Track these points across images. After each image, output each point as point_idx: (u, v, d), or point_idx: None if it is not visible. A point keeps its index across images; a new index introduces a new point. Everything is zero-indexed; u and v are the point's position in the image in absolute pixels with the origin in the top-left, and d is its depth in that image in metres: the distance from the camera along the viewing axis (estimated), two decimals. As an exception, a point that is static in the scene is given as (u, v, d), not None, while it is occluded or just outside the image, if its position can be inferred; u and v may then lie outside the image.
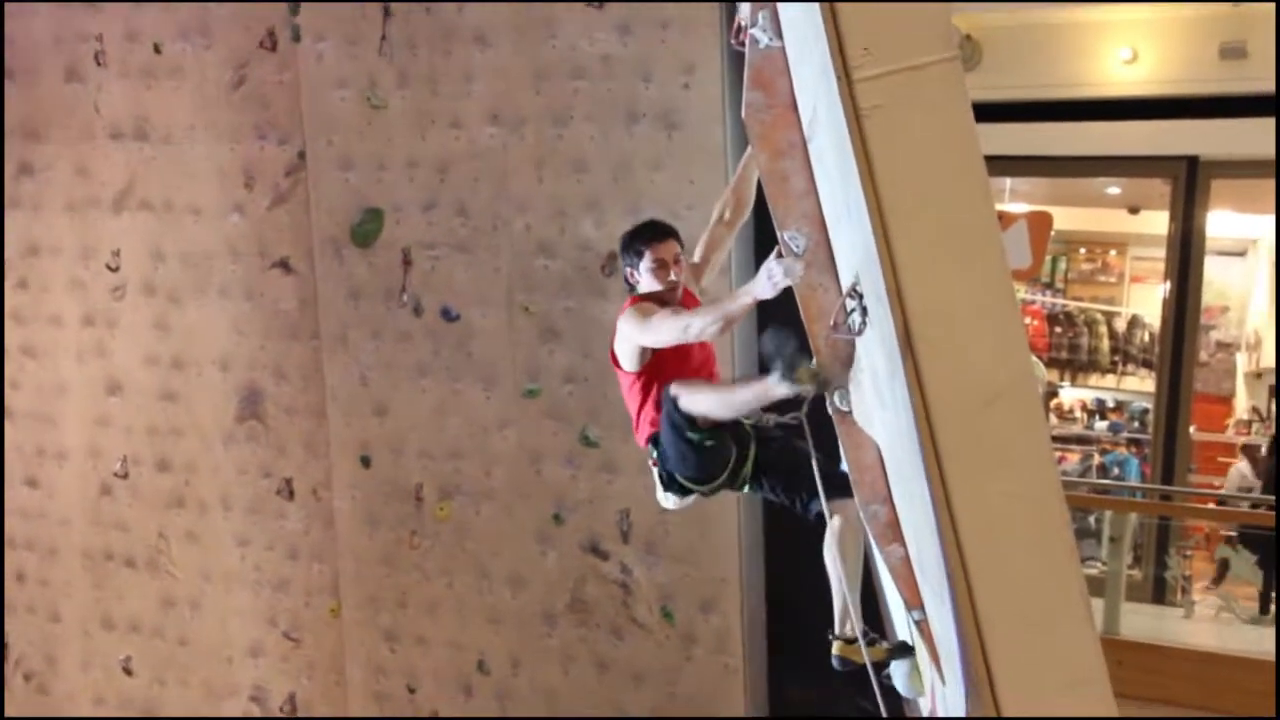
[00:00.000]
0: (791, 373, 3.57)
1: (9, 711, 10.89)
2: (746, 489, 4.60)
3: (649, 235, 4.50)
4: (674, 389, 4.16)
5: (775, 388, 3.72)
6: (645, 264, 4.48)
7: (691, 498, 4.67)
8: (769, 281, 3.64)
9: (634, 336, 4.40)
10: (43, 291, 10.15)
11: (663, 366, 4.48)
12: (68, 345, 10.15)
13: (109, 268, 9.86)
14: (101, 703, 10.59)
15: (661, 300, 4.44)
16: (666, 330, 4.20)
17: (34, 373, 10.33)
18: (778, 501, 4.65)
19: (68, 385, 10.22)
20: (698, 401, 4.11)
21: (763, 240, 4.77)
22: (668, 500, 4.70)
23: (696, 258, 4.68)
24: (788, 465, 4.50)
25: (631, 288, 4.58)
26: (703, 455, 4.33)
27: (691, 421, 4.16)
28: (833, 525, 4.41)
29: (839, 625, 4.43)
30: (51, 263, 10.08)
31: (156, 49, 9.37)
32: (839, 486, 4.37)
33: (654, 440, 4.53)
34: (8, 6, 9.81)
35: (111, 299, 9.90)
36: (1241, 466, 11.33)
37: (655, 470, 4.64)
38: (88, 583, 10.48)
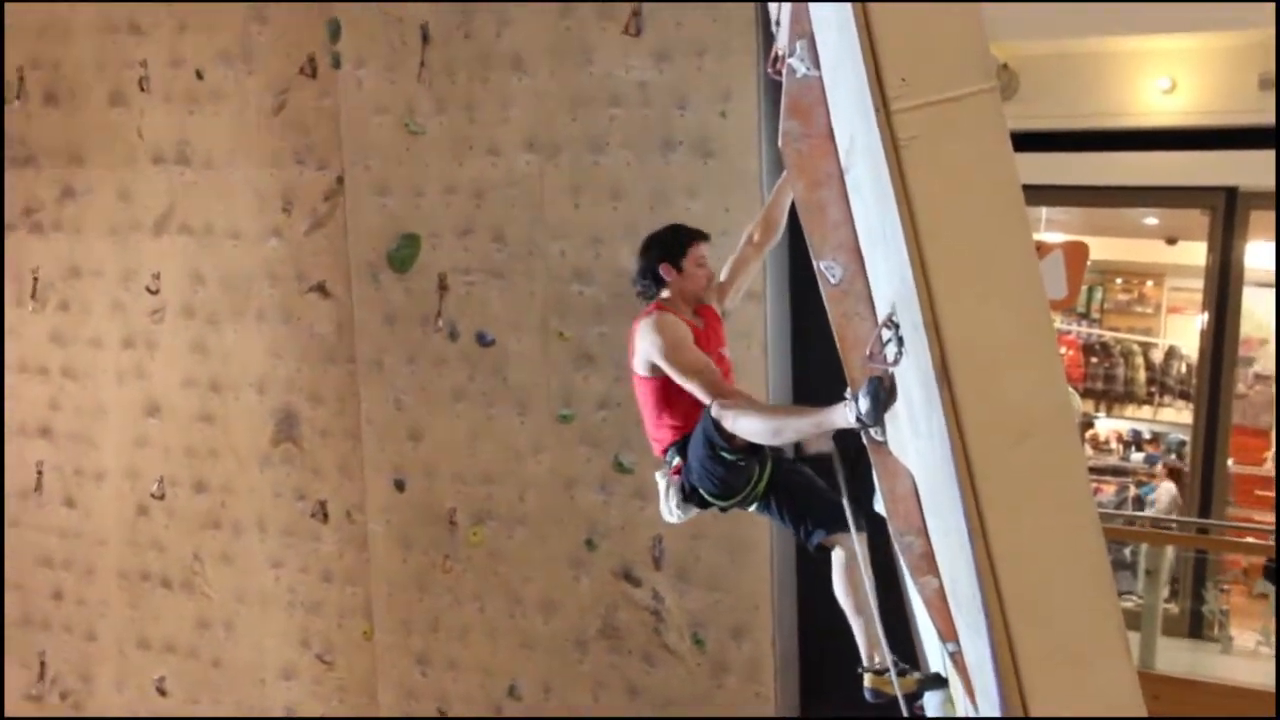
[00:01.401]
0: (877, 414, 3.50)
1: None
2: (753, 508, 4.59)
3: (695, 234, 4.60)
4: (717, 409, 4.14)
5: (839, 419, 3.70)
6: (691, 259, 4.53)
7: (694, 511, 4.66)
8: (846, 417, 3.63)
9: (658, 357, 4.43)
10: (84, 314, 10.25)
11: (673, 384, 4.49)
12: (107, 367, 10.24)
13: (149, 290, 9.94)
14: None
15: (688, 299, 4.48)
16: (692, 388, 4.26)
17: (74, 394, 10.42)
18: (781, 525, 4.65)
19: (107, 406, 10.31)
20: (742, 425, 4.10)
21: (798, 266, 4.79)
22: (671, 514, 4.68)
23: (723, 277, 4.69)
24: (794, 489, 4.52)
25: (650, 295, 4.59)
26: (731, 472, 4.35)
27: (730, 440, 4.16)
28: (837, 559, 4.42)
29: (867, 658, 4.43)
30: (93, 285, 10.17)
31: (199, 75, 9.47)
32: (839, 520, 4.39)
33: (677, 450, 4.52)
34: (54, 32, 9.92)
35: (151, 321, 9.99)
36: (1169, 486, 11.32)
37: (665, 480, 4.63)
38: (123, 602, 10.55)
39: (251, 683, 10.19)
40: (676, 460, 4.54)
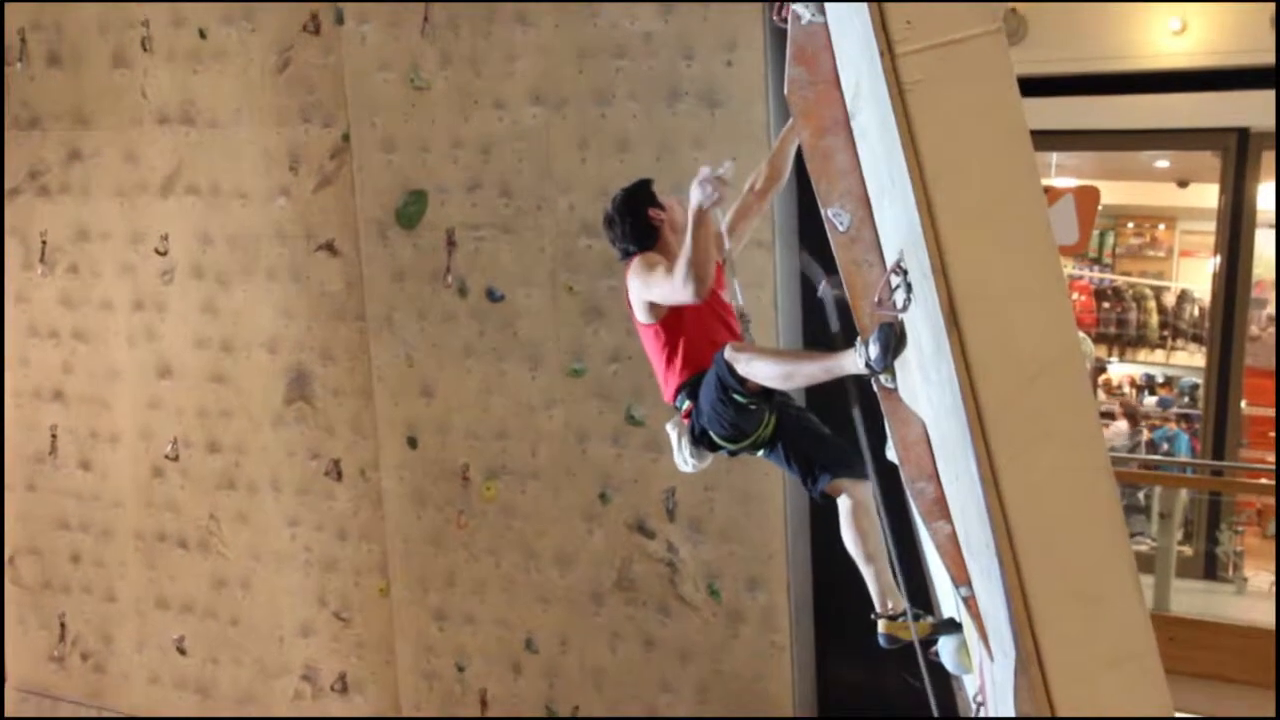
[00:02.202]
0: (887, 360, 3.55)
1: (66, 692, 11.06)
2: (761, 453, 4.61)
3: (646, 180, 4.71)
4: (730, 353, 4.15)
5: (850, 365, 3.73)
6: (661, 199, 4.58)
7: (708, 459, 4.66)
8: (699, 193, 3.91)
9: (643, 290, 4.44)
10: (94, 276, 10.25)
11: (681, 316, 4.50)
12: (118, 329, 10.26)
13: (158, 252, 9.94)
14: (156, 681, 10.73)
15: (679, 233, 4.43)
16: (666, 288, 4.24)
17: (86, 357, 10.44)
18: (788, 471, 4.66)
19: (119, 369, 10.33)
20: (756, 369, 4.10)
21: (806, 214, 4.77)
22: (685, 464, 4.68)
23: (724, 226, 4.67)
24: (801, 434, 4.53)
25: (632, 252, 4.57)
26: (743, 416, 4.35)
27: (743, 383, 4.17)
28: (843, 506, 4.45)
29: (879, 603, 4.45)
30: (101, 248, 10.17)
31: (202, 34, 9.43)
32: (849, 466, 4.41)
33: (687, 394, 4.52)
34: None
35: (160, 283, 9.99)
36: (1120, 425, 11.32)
37: (677, 429, 4.63)
38: (141, 564, 10.61)
39: (270, 640, 10.27)
40: (686, 404, 4.53)
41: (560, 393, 8.88)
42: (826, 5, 3.51)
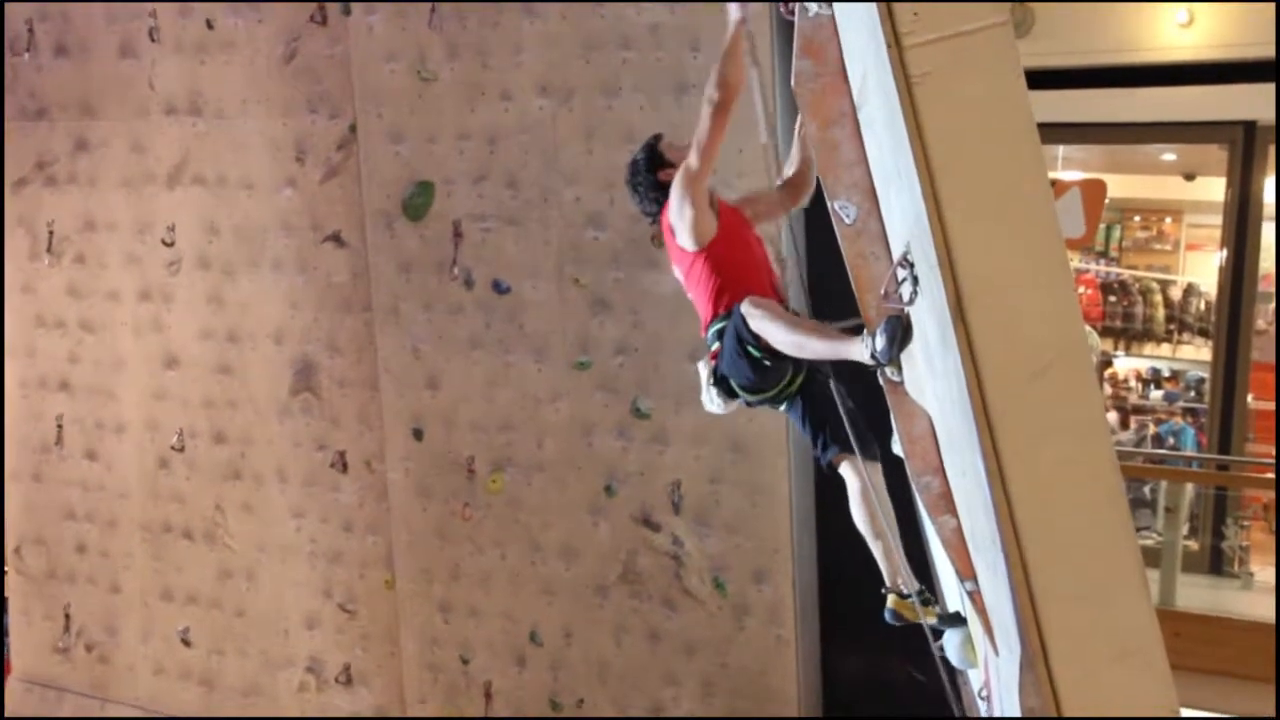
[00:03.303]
0: (892, 353, 3.57)
1: (70, 683, 11.08)
2: (783, 408, 4.63)
3: (655, 137, 4.88)
4: (747, 306, 4.20)
5: (856, 353, 3.75)
6: (670, 153, 4.73)
7: (736, 403, 4.67)
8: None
9: (680, 196, 4.48)
10: (100, 267, 10.26)
11: (723, 250, 4.56)
12: (124, 320, 10.26)
13: (164, 243, 9.94)
14: (161, 672, 10.75)
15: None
16: (702, 122, 4.37)
17: (92, 347, 10.45)
18: (801, 431, 4.68)
19: (125, 359, 10.34)
20: (768, 329, 4.14)
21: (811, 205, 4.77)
22: (712, 403, 4.70)
23: (734, 198, 4.77)
24: (821, 400, 4.54)
25: (655, 213, 4.73)
26: (757, 370, 4.38)
27: (756, 338, 4.19)
28: (852, 485, 4.46)
29: (890, 580, 4.46)
30: (108, 238, 10.18)
31: (209, 24, 9.42)
32: (863, 444, 4.42)
33: (717, 334, 4.54)
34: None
35: (167, 274, 10.00)
36: (1109, 418, 11.35)
37: (706, 367, 4.65)
38: (146, 554, 10.62)
39: (275, 633, 10.28)
40: (715, 345, 4.55)
41: (566, 385, 8.87)
42: (834, -3, 3.51)
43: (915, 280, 3.22)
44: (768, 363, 4.30)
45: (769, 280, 4.62)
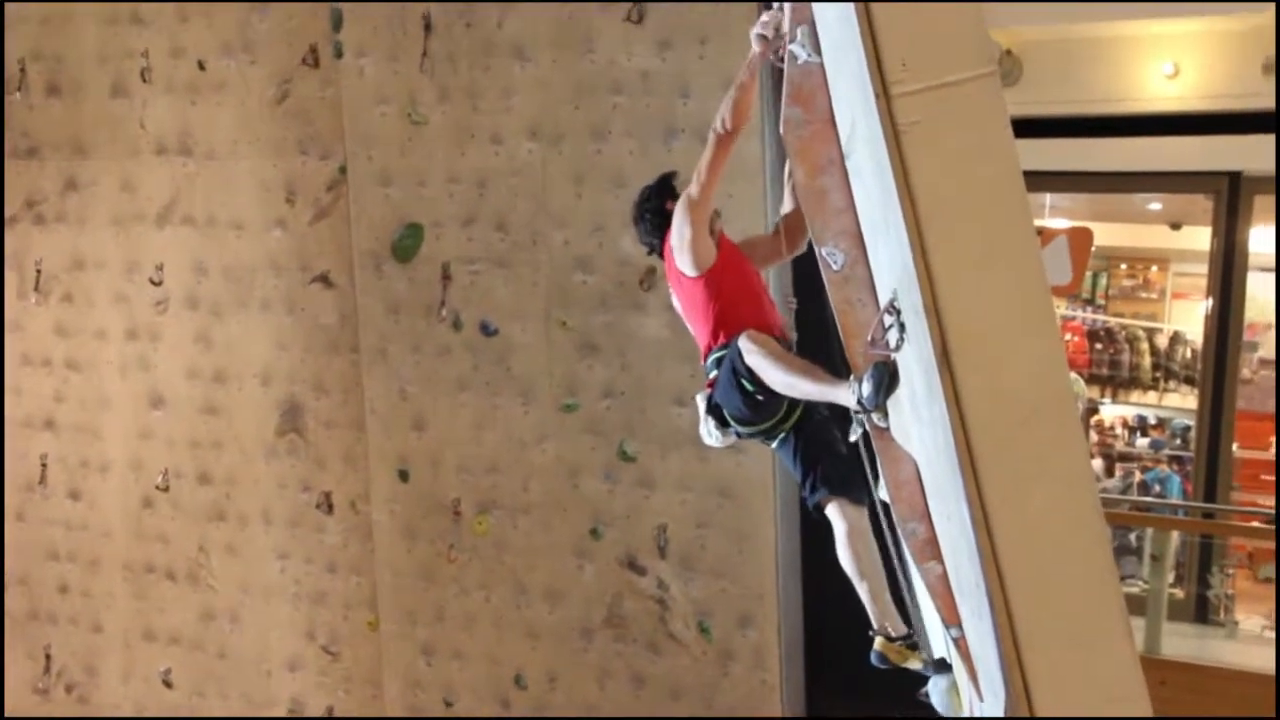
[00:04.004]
0: (878, 400, 3.61)
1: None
2: (776, 444, 4.64)
3: (669, 175, 4.90)
4: (745, 340, 4.24)
5: (843, 398, 3.80)
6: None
7: (732, 437, 4.69)
8: (757, 36, 3.96)
9: (684, 223, 4.55)
10: (87, 306, 10.24)
11: (723, 279, 4.60)
12: (111, 359, 10.24)
13: (152, 282, 9.94)
14: (142, 714, 10.65)
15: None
16: (706, 153, 4.42)
17: (78, 386, 10.42)
18: (791, 469, 4.68)
19: (111, 398, 10.31)
20: (761, 365, 4.18)
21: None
22: (710, 436, 4.73)
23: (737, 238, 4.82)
24: (814, 441, 4.54)
25: (656, 245, 4.83)
26: (750, 403, 4.41)
27: (751, 373, 4.23)
28: (838, 528, 4.46)
29: (877, 623, 4.45)
30: (96, 277, 10.17)
31: (201, 65, 9.46)
32: (849, 488, 4.43)
33: (715, 362, 4.57)
34: (55, 24, 9.91)
35: (155, 313, 9.98)
36: (1094, 465, 11.35)
37: (702, 398, 4.69)
38: (129, 595, 10.56)
39: (257, 674, 10.21)
40: (713, 374, 4.59)
41: (552, 428, 8.87)
42: (822, 45, 3.53)
43: (902, 327, 3.23)
44: (760, 397, 4.33)
45: (769, 314, 4.66)
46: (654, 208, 4.84)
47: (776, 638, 8.57)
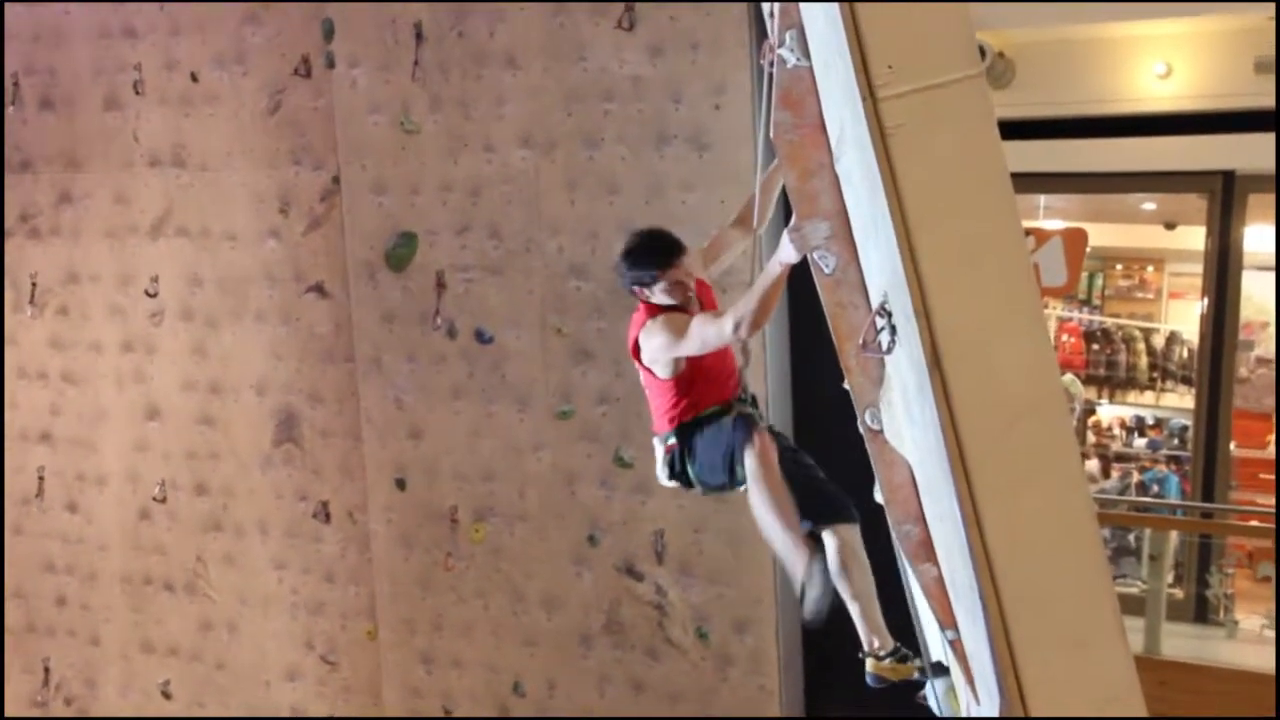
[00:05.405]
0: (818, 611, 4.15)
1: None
2: (742, 488, 4.63)
3: (663, 260, 4.45)
4: (753, 459, 4.32)
5: (797, 578, 4.26)
6: (660, 287, 4.47)
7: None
8: (794, 246, 3.66)
9: (674, 349, 4.40)
10: (83, 318, 10.25)
11: (696, 371, 4.53)
12: (107, 371, 10.25)
13: (147, 294, 9.94)
14: (141, 726, 10.66)
15: (681, 307, 4.45)
16: (712, 336, 4.21)
17: (74, 399, 10.42)
18: None
19: (107, 411, 10.31)
20: (757, 487, 4.33)
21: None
22: (668, 481, 4.77)
23: (704, 243, 4.70)
24: (790, 478, 4.53)
25: (634, 291, 4.63)
26: (733, 483, 4.53)
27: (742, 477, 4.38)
28: (829, 547, 4.46)
29: (867, 643, 4.44)
30: (91, 289, 10.18)
31: (194, 77, 9.47)
32: (836, 512, 4.45)
33: (676, 433, 4.57)
34: (48, 38, 9.93)
35: (150, 325, 9.99)
36: (1089, 466, 11.32)
37: (660, 447, 4.69)
38: (127, 606, 10.55)
39: (256, 685, 10.20)
40: (672, 441, 4.59)
41: (548, 435, 8.87)
42: (811, 49, 3.53)
43: (893, 329, 3.22)
44: (744, 485, 4.42)
45: (731, 381, 4.62)
46: (652, 263, 4.51)
47: (775, 642, 8.57)
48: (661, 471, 4.73)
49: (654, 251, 4.52)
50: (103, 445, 10.40)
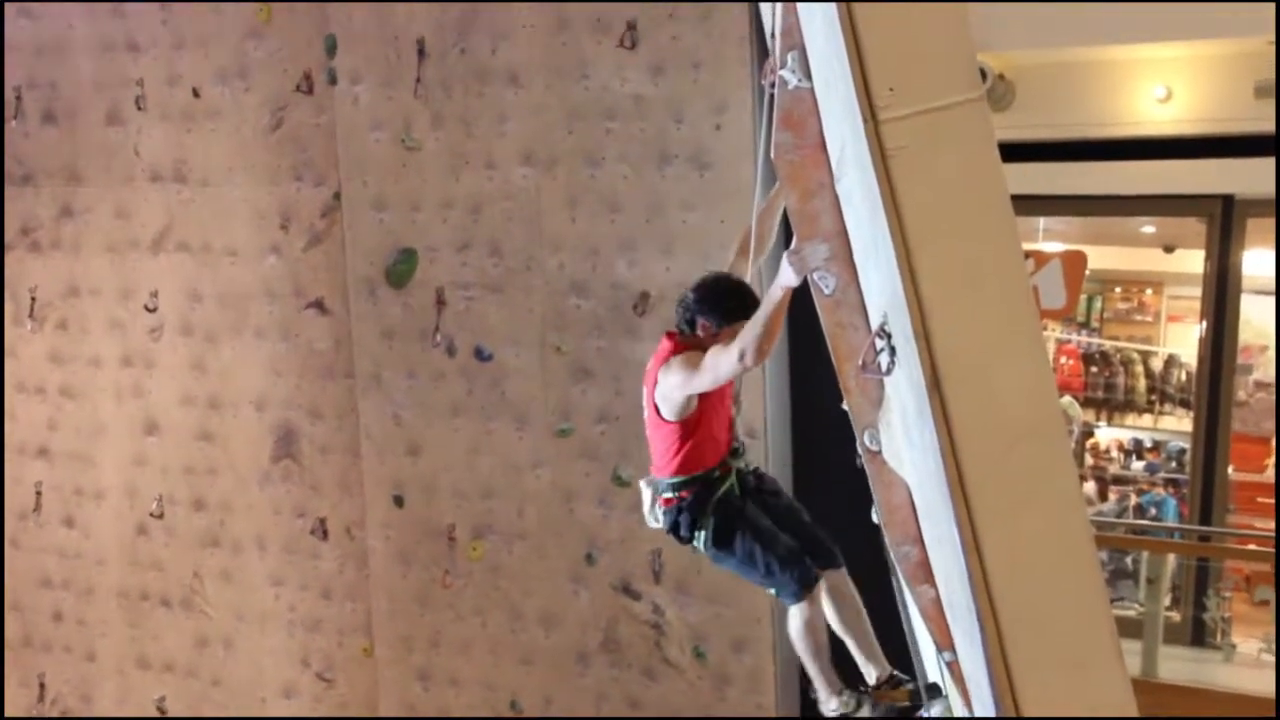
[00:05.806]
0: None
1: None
2: None
3: (739, 316, 4.41)
4: (798, 622, 4.68)
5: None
6: (717, 334, 4.52)
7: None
8: (793, 270, 3.69)
9: (689, 385, 4.46)
10: (82, 333, 10.25)
11: (699, 418, 4.64)
12: (105, 386, 10.24)
13: (147, 309, 9.95)
14: (136, 742, 10.63)
15: (697, 344, 4.48)
16: (725, 367, 4.23)
17: (73, 413, 10.42)
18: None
19: (106, 425, 10.30)
20: (805, 650, 4.69)
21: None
22: (657, 522, 4.98)
23: None
24: (781, 528, 4.67)
25: (685, 333, 4.60)
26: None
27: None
28: (821, 588, 4.53)
29: (869, 676, 4.50)
30: (91, 304, 10.18)
31: (195, 93, 9.48)
32: (825, 558, 4.53)
33: (674, 488, 4.74)
34: (50, 52, 9.95)
35: (149, 340, 9.99)
36: (1087, 488, 11.36)
37: (650, 489, 4.91)
38: (123, 622, 10.53)
39: (252, 701, 10.17)
40: (669, 494, 4.76)
41: (547, 453, 8.86)
42: (812, 67, 3.55)
43: (893, 351, 3.23)
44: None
45: (726, 433, 4.79)
46: (714, 320, 4.54)
47: (772, 662, 8.55)
48: (651, 516, 4.80)
49: (736, 305, 4.52)
50: (101, 460, 10.39)
